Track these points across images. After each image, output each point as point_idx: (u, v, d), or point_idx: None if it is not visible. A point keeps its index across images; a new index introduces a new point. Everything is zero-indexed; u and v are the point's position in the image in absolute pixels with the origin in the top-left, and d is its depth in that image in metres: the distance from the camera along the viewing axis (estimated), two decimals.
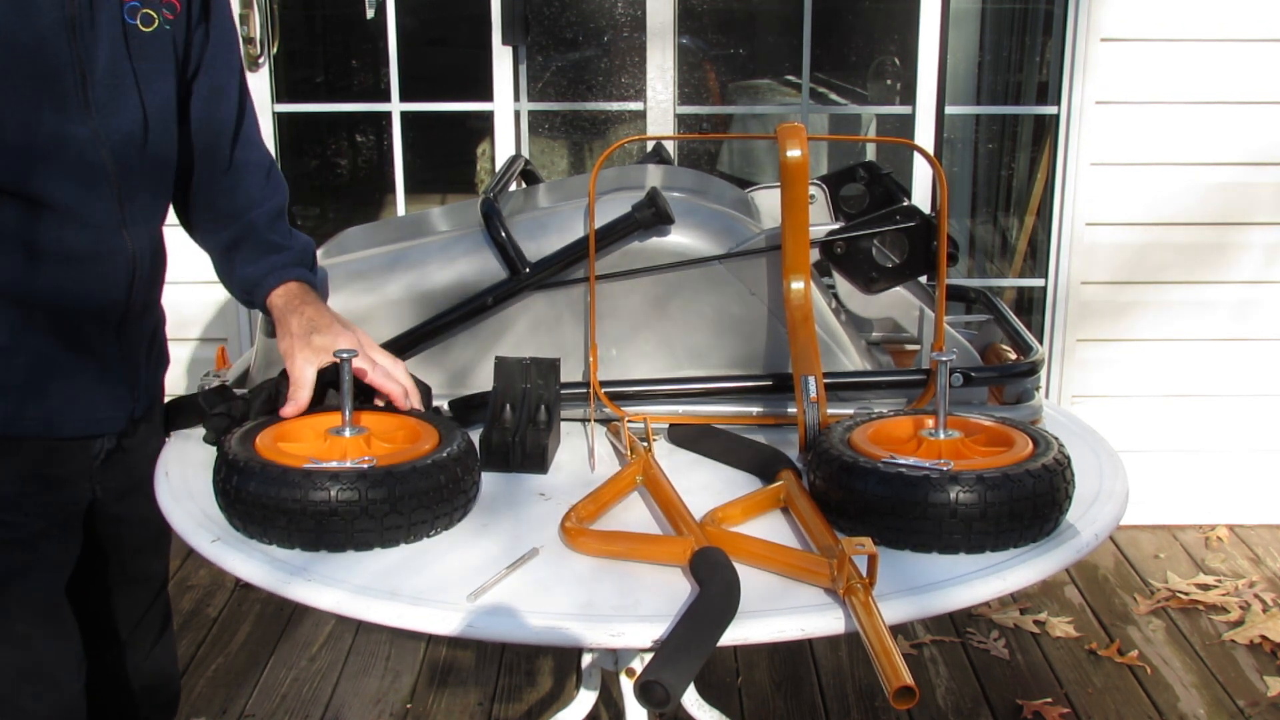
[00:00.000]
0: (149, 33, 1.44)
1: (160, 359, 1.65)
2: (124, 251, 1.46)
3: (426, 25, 4.74)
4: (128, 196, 1.45)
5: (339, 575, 1.23)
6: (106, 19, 1.39)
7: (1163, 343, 3.53)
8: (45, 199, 1.37)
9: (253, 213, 1.60)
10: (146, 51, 1.44)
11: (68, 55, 1.36)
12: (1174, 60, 3.31)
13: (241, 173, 1.61)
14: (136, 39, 1.43)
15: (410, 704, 2.74)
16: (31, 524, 1.48)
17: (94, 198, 1.41)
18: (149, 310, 1.58)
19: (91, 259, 1.43)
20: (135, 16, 1.43)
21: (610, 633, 1.15)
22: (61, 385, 1.46)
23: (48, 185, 1.37)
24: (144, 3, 1.43)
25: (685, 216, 1.64)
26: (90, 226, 1.42)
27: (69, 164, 1.38)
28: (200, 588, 3.27)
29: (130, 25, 1.42)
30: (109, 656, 1.69)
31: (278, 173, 1.67)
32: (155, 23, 1.45)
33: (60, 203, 1.38)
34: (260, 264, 1.58)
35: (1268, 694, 2.77)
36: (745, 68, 5.04)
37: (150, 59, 1.45)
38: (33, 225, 1.38)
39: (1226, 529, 3.62)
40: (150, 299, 1.57)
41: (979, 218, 4.45)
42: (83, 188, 1.40)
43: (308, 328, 1.50)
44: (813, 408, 1.48)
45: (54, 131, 1.36)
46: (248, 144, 1.63)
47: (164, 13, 1.46)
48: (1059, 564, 1.28)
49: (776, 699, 2.76)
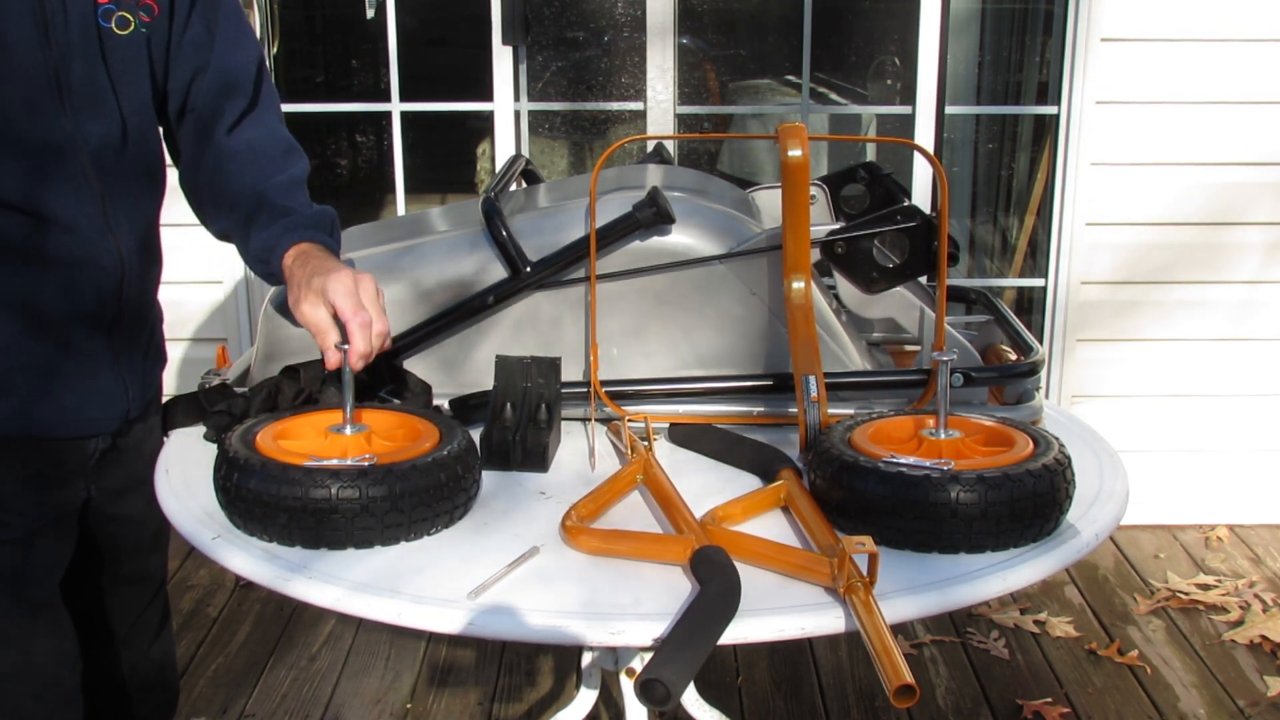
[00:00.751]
0: (124, 35, 1.44)
1: (157, 358, 1.65)
2: (111, 255, 1.46)
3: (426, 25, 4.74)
4: (111, 201, 1.45)
5: (339, 573, 1.23)
6: (79, 23, 1.39)
7: (1163, 343, 3.53)
8: (25, 205, 1.37)
9: (266, 184, 1.55)
10: (122, 55, 1.44)
11: (41, 61, 1.36)
12: (1174, 60, 3.31)
13: (254, 154, 1.57)
14: (111, 42, 1.42)
15: (410, 704, 2.74)
16: (26, 523, 1.48)
17: (76, 203, 1.41)
18: (142, 311, 1.57)
19: (78, 264, 1.43)
20: (110, 20, 1.42)
21: (610, 631, 1.15)
22: (54, 386, 1.45)
23: (27, 192, 1.37)
24: (119, 5, 1.43)
25: (686, 216, 1.64)
26: (74, 232, 1.41)
27: (48, 170, 1.38)
28: (200, 587, 3.27)
29: (105, 29, 1.42)
30: (105, 655, 1.69)
31: (297, 151, 1.62)
32: (131, 25, 1.44)
33: (42, 209, 1.38)
34: (273, 229, 1.52)
35: (1268, 694, 2.77)
36: (745, 68, 5.04)
37: (126, 62, 1.45)
38: (16, 231, 1.38)
39: (1226, 529, 3.62)
40: (143, 300, 1.57)
41: (979, 218, 4.45)
42: (64, 194, 1.40)
43: (310, 275, 1.44)
44: (813, 407, 1.48)
45: (31, 137, 1.36)
46: (259, 125, 1.59)
47: (140, 15, 1.45)
48: (1059, 564, 1.28)
49: (776, 698, 2.76)
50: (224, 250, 3.45)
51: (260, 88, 1.60)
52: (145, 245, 1.54)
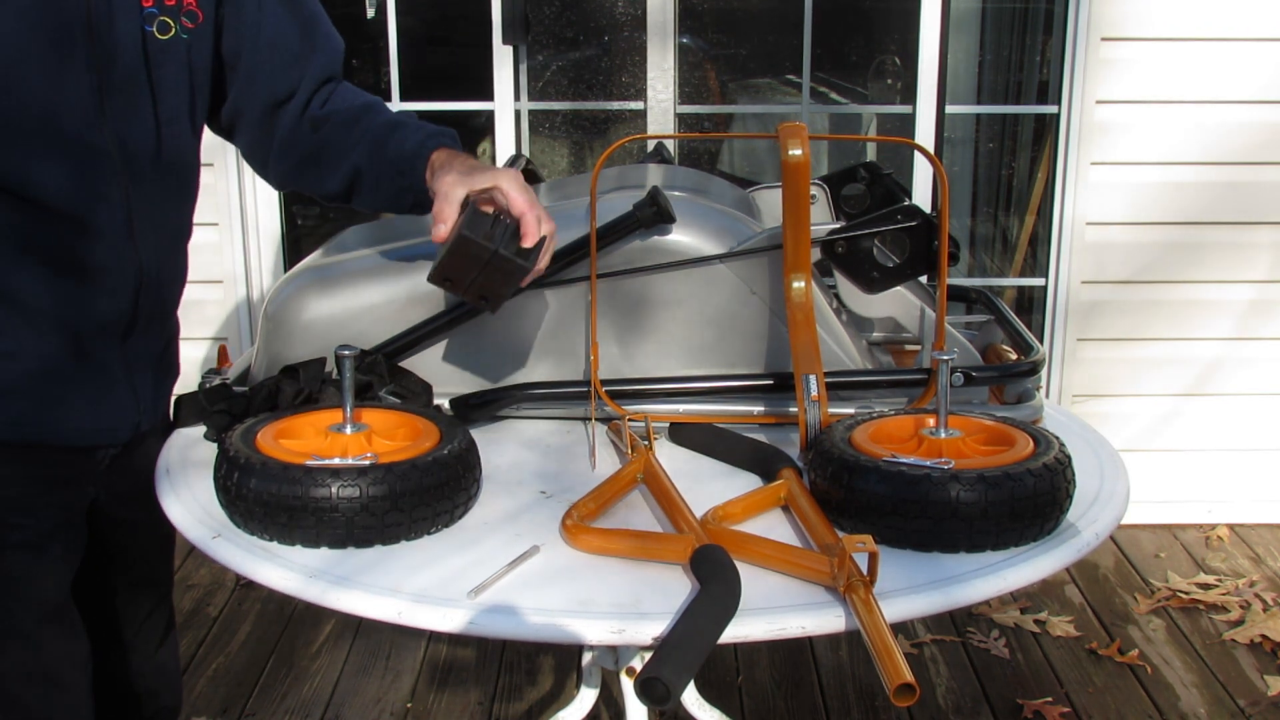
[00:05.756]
0: (165, 40, 1.43)
1: (170, 371, 1.64)
2: (132, 262, 1.45)
3: (426, 25, 4.74)
4: (138, 206, 1.44)
5: (339, 572, 1.23)
6: (125, 25, 1.38)
7: (1163, 342, 3.53)
8: (55, 206, 1.37)
9: (381, 117, 1.59)
10: (161, 60, 1.43)
11: (85, 61, 1.35)
12: (1175, 59, 3.31)
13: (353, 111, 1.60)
14: (153, 47, 1.42)
15: (410, 703, 2.74)
16: (41, 525, 1.48)
17: (104, 207, 1.40)
18: (158, 324, 1.55)
19: (99, 270, 1.42)
20: (152, 24, 1.42)
21: (611, 630, 1.15)
22: (65, 392, 1.45)
23: (59, 193, 1.36)
24: (161, 10, 1.42)
25: (686, 216, 1.64)
26: (98, 236, 1.41)
27: (82, 172, 1.38)
28: (201, 587, 3.27)
29: (148, 33, 1.41)
30: (111, 659, 1.69)
31: (377, 103, 1.64)
32: (172, 30, 1.44)
33: (70, 211, 1.38)
34: (415, 137, 1.55)
35: (1268, 693, 2.77)
36: (746, 67, 5.04)
37: (165, 68, 1.44)
38: (39, 230, 1.37)
39: (1227, 528, 3.62)
40: (161, 313, 1.55)
41: (979, 217, 4.45)
42: (93, 197, 1.39)
43: (470, 169, 1.48)
44: (814, 407, 1.48)
45: (69, 138, 1.36)
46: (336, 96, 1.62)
47: (183, 20, 1.45)
48: (1059, 563, 1.28)
49: (777, 698, 2.76)
50: (224, 250, 3.46)
51: (320, 56, 1.62)
52: (169, 257, 1.53)
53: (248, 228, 3.46)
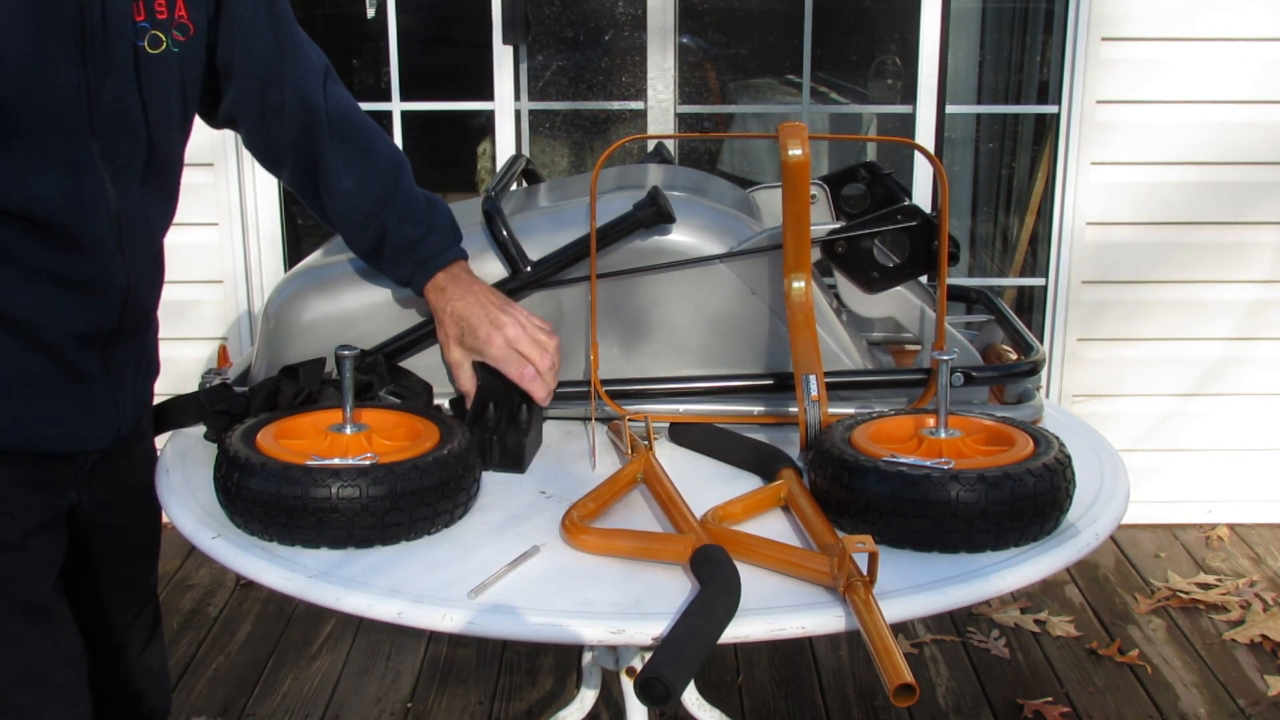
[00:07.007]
0: (156, 55, 1.42)
1: (149, 371, 1.62)
2: (119, 277, 1.44)
3: (426, 25, 4.74)
4: (127, 218, 1.43)
5: (340, 572, 1.23)
6: (117, 42, 1.37)
7: (1163, 342, 3.53)
8: (44, 222, 1.36)
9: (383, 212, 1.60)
10: (152, 75, 1.42)
11: (76, 78, 1.34)
12: (1175, 59, 3.31)
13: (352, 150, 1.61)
14: (144, 62, 1.41)
15: (410, 703, 2.74)
16: (21, 526, 1.47)
17: (94, 223, 1.39)
18: (141, 328, 1.55)
19: (86, 283, 1.41)
20: (143, 39, 1.40)
21: (611, 630, 1.15)
22: (47, 401, 1.44)
23: (48, 209, 1.35)
24: (153, 24, 1.41)
25: (686, 215, 1.64)
26: (87, 251, 1.39)
27: (71, 189, 1.36)
28: (200, 587, 3.27)
29: (139, 48, 1.40)
30: (97, 663, 1.68)
31: (382, 138, 1.65)
32: (163, 45, 1.42)
33: (59, 226, 1.37)
34: (404, 266, 1.60)
35: (1268, 693, 2.77)
36: (746, 67, 5.04)
37: (156, 83, 1.43)
38: (26, 246, 1.36)
39: (1227, 528, 3.62)
40: (144, 322, 1.55)
41: (979, 217, 4.45)
42: (83, 213, 1.38)
43: (458, 330, 1.56)
44: (814, 407, 1.48)
45: (58, 155, 1.35)
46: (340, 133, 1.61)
47: (174, 34, 1.43)
48: (1059, 563, 1.28)
49: (777, 698, 2.76)
50: (224, 250, 3.46)
51: (322, 88, 1.61)
52: (152, 267, 1.53)
53: (248, 228, 3.46)
